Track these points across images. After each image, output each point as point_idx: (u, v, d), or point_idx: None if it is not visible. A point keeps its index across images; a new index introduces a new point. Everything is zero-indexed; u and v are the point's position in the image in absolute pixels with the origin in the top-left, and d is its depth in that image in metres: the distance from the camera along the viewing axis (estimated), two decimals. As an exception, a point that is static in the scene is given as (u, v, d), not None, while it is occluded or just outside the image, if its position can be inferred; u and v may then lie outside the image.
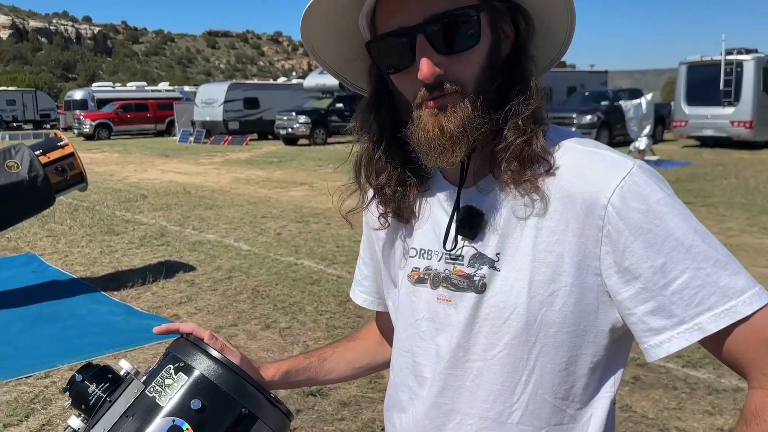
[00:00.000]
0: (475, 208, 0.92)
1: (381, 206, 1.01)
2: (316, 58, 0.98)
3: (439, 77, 0.85)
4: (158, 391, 0.97)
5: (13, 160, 5.31)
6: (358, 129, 0.99)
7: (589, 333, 0.88)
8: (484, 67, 0.87)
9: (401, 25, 0.86)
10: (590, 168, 0.86)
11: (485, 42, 0.87)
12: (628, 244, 0.82)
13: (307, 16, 0.88)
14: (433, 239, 0.97)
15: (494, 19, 0.88)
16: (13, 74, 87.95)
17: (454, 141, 0.86)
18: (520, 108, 0.87)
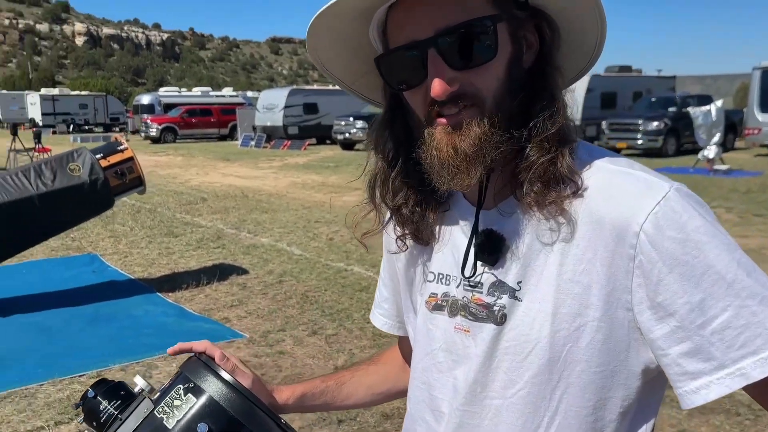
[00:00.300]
0: (495, 232, 0.85)
1: (398, 228, 0.95)
2: (326, 73, 0.93)
3: (453, 93, 0.78)
4: (167, 412, 0.94)
5: (76, 164, 5.50)
6: (373, 146, 0.93)
7: (620, 374, 0.79)
8: (503, 81, 0.79)
9: (412, 39, 0.79)
10: (622, 190, 0.78)
11: (504, 53, 0.79)
12: (662, 276, 0.73)
13: (313, 30, 0.82)
14: (451, 263, 0.90)
15: (515, 28, 0.80)
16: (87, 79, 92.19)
17: (468, 162, 0.78)
18: (545, 124, 0.79)
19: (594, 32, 0.84)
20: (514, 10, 0.80)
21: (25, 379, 4.05)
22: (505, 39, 0.79)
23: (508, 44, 0.80)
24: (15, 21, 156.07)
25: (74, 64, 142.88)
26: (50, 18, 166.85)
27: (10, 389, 3.91)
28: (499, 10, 0.79)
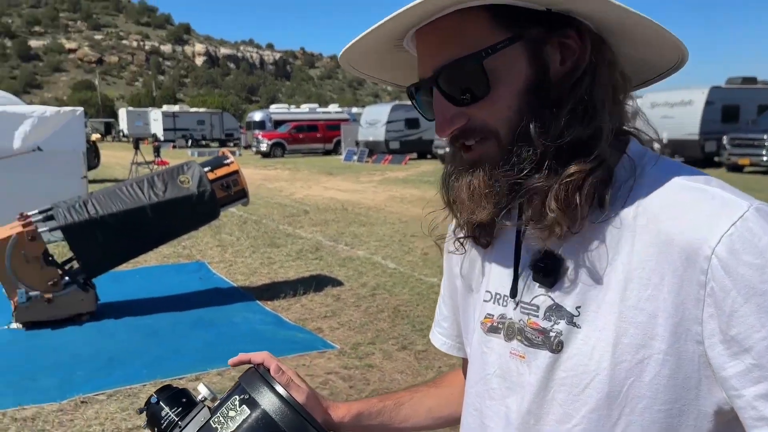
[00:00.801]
0: (553, 252, 0.78)
1: (458, 229, 0.91)
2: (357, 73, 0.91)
3: (462, 128, 0.76)
4: (221, 422, 0.95)
5: (185, 176, 5.82)
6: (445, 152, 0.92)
7: (689, 414, 0.70)
8: (520, 107, 0.74)
9: (421, 77, 0.79)
10: (693, 208, 0.70)
11: (515, 79, 0.74)
12: (736, 307, 0.65)
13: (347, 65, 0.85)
14: (508, 284, 0.85)
15: (532, 46, 0.74)
16: (205, 97, 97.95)
17: (479, 198, 0.76)
18: (579, 131, 0.73)
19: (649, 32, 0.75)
20: (529, 28, 0.73)
21: (130, 379, 4.30)
22: (515, 63, 0.74)
23: (522, 67, 0.74)
24: (142, 43, 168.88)
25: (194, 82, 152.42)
26: (173, 39, 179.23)
27: (116, 388, 4.17)
28: (511, 32, 0.73)
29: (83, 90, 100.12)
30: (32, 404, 3.93)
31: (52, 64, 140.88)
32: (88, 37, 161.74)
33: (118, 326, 5.47)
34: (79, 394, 4.06)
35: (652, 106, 20.67)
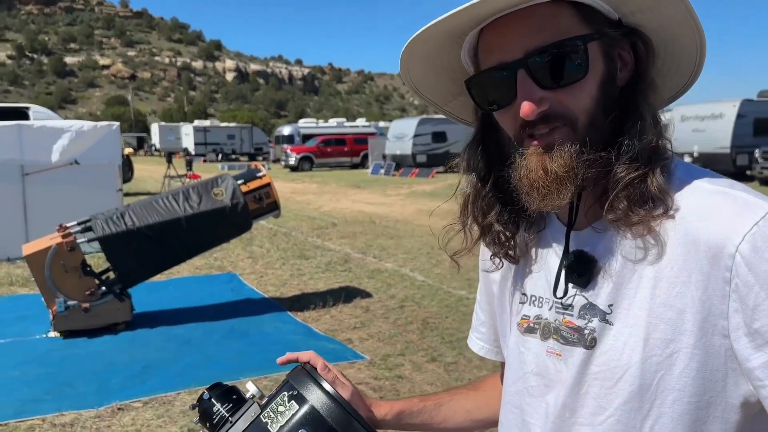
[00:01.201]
0: (586, 253, 0.83)
1: (491, 247, 0.95)
2: (419, 96, 0.96)
3: (544, 113, 0.78)
4: (271, 417, 0.99)
5: (219, 189, 5.95)
6: (465, 165, 0.94)
7: (716, 406, 0.74)
8: (597, 99, 0.78)
9: (501, 61, 0.80)
10: (717, 210, 0.74)
11: (597, 72, 0.79)
12: (759, 301, 0.69)
13: (406, 56, 0.85)
14: (544, 285, 0.89)
15: (608, 47, 0.80)
16: (235, 112, 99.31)
17: (559, 183, 0.78)
18: (634, 142, 0.77)
19: (692, 50, 0.81)
20: (606, 29, 0.79)
21: (165, 387, 4.39)
22: (597, 58, 0.79)
23: (600, 63, 0.79)
24: (174, 59, 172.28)
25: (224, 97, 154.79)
26: (204, 56, 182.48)
27: (152, 395, 4.26)
28: (592, 29, 0.78)
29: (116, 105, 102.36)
30: (71, 410, 4.04)
31: (86, 80, 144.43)
32: (121, 54, 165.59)
33: (152, 335, 5.59)
34: (116, 401, 4.16)
35: (683, 120, 20.42)
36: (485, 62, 0.83)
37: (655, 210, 0.77)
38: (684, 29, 0.79)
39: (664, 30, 0.80)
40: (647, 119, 0.79)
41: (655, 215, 0.77)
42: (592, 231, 0.84)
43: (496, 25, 0.80)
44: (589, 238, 0.84)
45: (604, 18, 0.80)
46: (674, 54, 0.83)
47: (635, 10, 0.79)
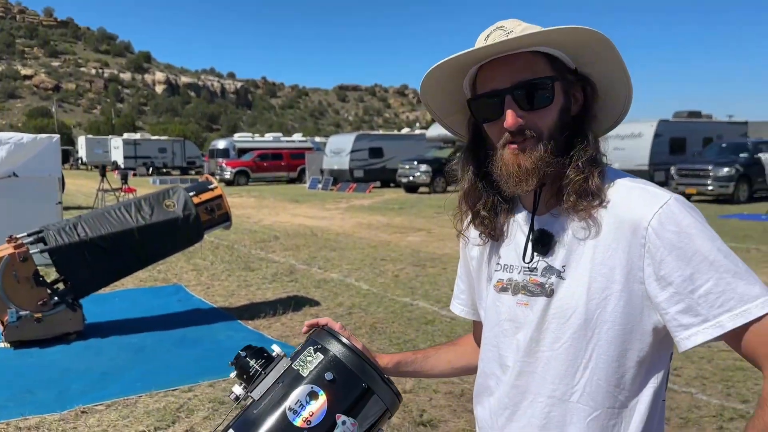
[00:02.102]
0: (546, 231, 1.19)
1: (479, 228, 1.30)
2: (430, 112, 1.32)
3: (521, 126, 1.14)
4: (301, 365, 1.28)
5: (171, 200, 6.11)
6: (460, 166, 1.29)
7: (636, 331, 1.10)
8: (557, 122, 1.15)
9: (494, 88, 1.16)
10: (636, 200, 1.11)
11: (558, 103, 1.15)
12: (663, 257, 1.06)
13: (425, 80, 1.21)
14: (514, 256, 1.24)
15: (567, 87, 1.17)
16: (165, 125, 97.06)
17: (528, 175, 1.14)
18: (580, 154, 1.14)
19: (623, 96, 1.21)
20: (567, 75, 1.17)
21: (125, 391, 4.53)
22: (559, 93, 1.16)
23: (561, 97, 1.16)
24: (101, 70, 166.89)
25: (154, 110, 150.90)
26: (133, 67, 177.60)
27: (114, 399, 4.40)
28: (557, 73, 1.16)
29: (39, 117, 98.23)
30: (34, 415, 4.13)
31: (6, 90, 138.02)
32: (44, 64, 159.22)
33: (105, 344, 5.67)
34: (78, 405, 4.28)
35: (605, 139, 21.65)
36: (482, 89, 1.19)
37: (594, 201, 1.13)
38: (619, 82, 1.18)
39: (605, 80, 1.18)
40: (590, 139, 1.16)
41: (593, 205, 1.13)
42: (549, 216, 1.20)
43: (492, 64, 1.16)
44: (548, 220, 1.20)
45: (566, 66, 1.18)
46: (611, 97, 1.21)
47: (587, 62, 1.18)
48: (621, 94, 1.21)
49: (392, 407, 1.31)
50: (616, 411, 1.13)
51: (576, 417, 1.14)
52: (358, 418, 1.24)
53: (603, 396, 1.13)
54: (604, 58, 1.16)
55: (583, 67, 1.19)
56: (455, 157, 1.34)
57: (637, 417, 1.13)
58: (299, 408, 1.23)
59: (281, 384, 1.27)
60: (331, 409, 1.22)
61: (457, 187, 1.31)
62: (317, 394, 1.23)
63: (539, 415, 1.18)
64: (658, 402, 1.15)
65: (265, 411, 1.25)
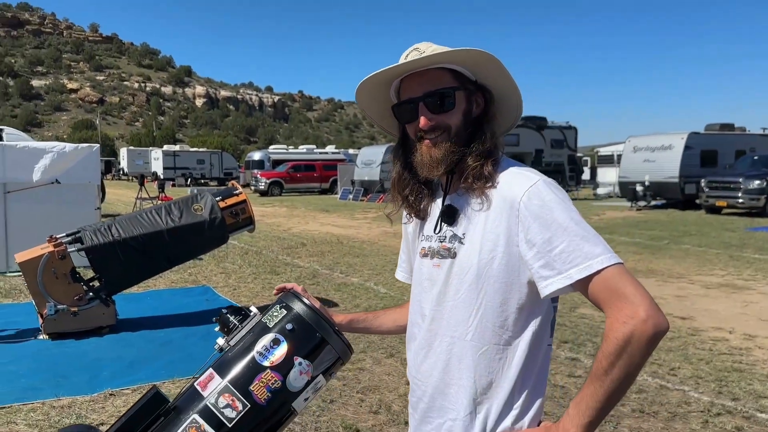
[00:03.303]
0: (452, 206, 1.48)
1: (407, 209, 1.60)
2: (366, 116, 1.63)
3: (431, 126, 1.45)
4: (268, 319, 1.59)
5: (199, 204, 6.52)
6: (393, 159, 1.60)
7: (515, 284, 1.39)
8: (460, 121, 1.45)
9: (410, 97, 1.48)
10: (515, 181, 1.41)
11: (461, 107, 1.46)
12: (530, 224, 1.34)
13: (359, 90, 1.54)
14: (431, 228, 1.54)
15: (468, 94, 1.47)
16: (205, 137, 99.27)
17: (438, 162, 1.45)
18: (478, 146, 1.44)
19: (516, 102, 1.51)
20: (468, 85, 1.48)
21: (151, 378, 4.90)
22: (461, 100, 1.46)
23: (463, 102, 1.46)
24: (143, 84, 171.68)
25: (194, 123, 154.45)
26: (174, 81, 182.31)
27: (140, 384, 4.78)
28: (459, 83, 1.46)
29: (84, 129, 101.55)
30: (67, 396, 4.54)
31: (53, 104, 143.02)
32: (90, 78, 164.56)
33: (135, 337, 6.09)
34: (108, 389, 4.67)
35: (635, 150, 21.61)
36: (403, 97, 1.51)
37: (487, 183, 1.43)
38: (510, 91, 1.49)
39: (500, 89, 1.49)
40: (487, 134, 1.46)
41: (487, 186, 1.42)
42: (456, 195, 1.49)
43: (409, 77, 1.49)
44: (455, 198, 1.49)
45: (467, 78, 1.49)
46: (505, 103, 1.52)
47: (483, 76, 1.48)
48: (513, 100, 1.51)
49: (344, 356, 1.59)
50: (501, 348, 1.41)
51: (470, 352, 1.43)
52: (314, 362, 1.54)
53: (490, 335, 1.41)
54: (495, 72, 1.47)
55: (482, 79, 1.50)
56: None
57: (520, 353, 1.40)
58: (266, 352, 1.53)
59: (251, 333, 1.58)
60: (290, 353, 1.52)
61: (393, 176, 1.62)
62: (279, 341, 1.53)
63: (444, 351, 1.46)
64: (540, 344, 1.42)
65: (237, 354, 1.55)
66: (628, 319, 1.23)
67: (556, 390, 4.58)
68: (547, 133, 27.39)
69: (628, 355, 1.22)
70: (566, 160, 28.13)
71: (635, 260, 10.55)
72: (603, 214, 19.55)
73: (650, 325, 1.22)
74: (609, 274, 1.27)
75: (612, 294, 1.27)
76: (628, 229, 15.26)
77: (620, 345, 1.22)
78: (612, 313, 1.26)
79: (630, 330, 1.22)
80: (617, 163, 27.36)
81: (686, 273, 9.44)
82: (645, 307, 1.23)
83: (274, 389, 1.48)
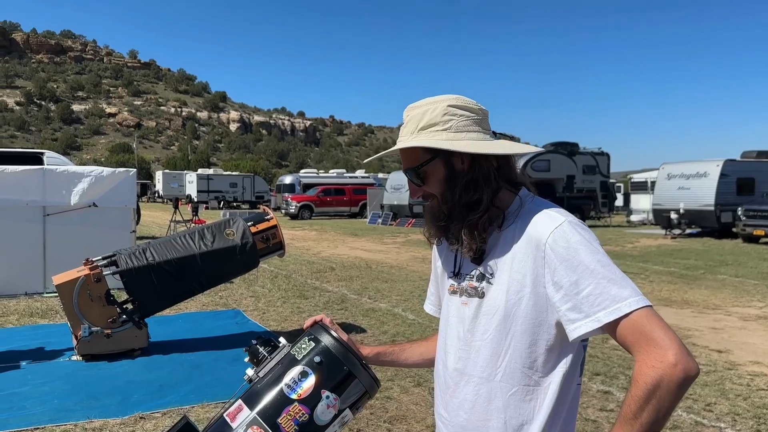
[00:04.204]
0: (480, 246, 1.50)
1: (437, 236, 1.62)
2: None
3: (420, 194, 1.52)
4: (297, 351, 1.61)
5: (231, 229, 6.62)
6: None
7: (543, 325, 1.38)
8: (442, 187, 1.47)
9: (403, 169, 1.55)
10: (540, 222, 1.40)
11: (439, 174, 1.47)
12: (556, 266, 1.34)
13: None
14: (459, 266, 1.55)
15: (446, 158, 1.47)
16: (238, 161, 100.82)
17: (429, 231, 1.55)
18: (489, 192, 1.45)
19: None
20: (443, 151, 1.47)
21: (181, 401, 4.96)
22: (438, 168, 1.47)
23: (441, 169, 1.47)
24: (180, 109, 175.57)
25: (227, 147, 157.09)
26: (209, 106, 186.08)
27: (170, 407, 4.83)
28: (432, 155, 1.47)
29: (121, 152, 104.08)
30: (99, 418, 4.60)
31: (92, 128, 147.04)
32: (128, 103, 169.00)
33: (165, 360, 6.16)
34: (138, 412, 4.73)
35: (669, 178, 21.28)
36: None
37: (512, 223, 1.44)
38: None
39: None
40: (492, 179, 1.45)
41: (511, 226, 1.44)
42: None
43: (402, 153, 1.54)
44: None
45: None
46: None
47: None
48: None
49: (371, 390, 1.61)
50: (530, 388, 1.40)
51: (499, 393, 1.42)
52: (341, 395, 1.55)
53: (519, 376, 1.40)
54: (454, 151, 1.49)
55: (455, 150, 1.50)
56: None
57: (550, 394, 1.39)
58: (294, 384, 1.55)
59: (280, 365, 1.60)
60: (318, 386, 1.53)
61: None
62: (307, 373, 1.55)
63: (472, 392, 1.46)
64: (570, 384, 1.41)
65: (266, 386, 1.58)
66: (657, 364, 1.21)
67: (588, 424, 4.49)
68: (578, 158, 27.18)
69: (657, 400, 1.21)
70: (599, 186, 27.83)
71: (670, 290, 10.35)
72: (637, 242, 19.23)
73: (680, 369, 1.20)
74: (637, 317, 1.26)
75: (640, 337, 1.25)
76: (663, 257, 14.97)
77: (649, 390, 1.21)
78: (640, 357, 1.25)
79: (659, 374, 1.21)
80: (651, 190, 26.97)
81: (723, 304, 9.21)
82: (674, 351, 1.21)
83: (302, 422, 1.50)
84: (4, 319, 8.03)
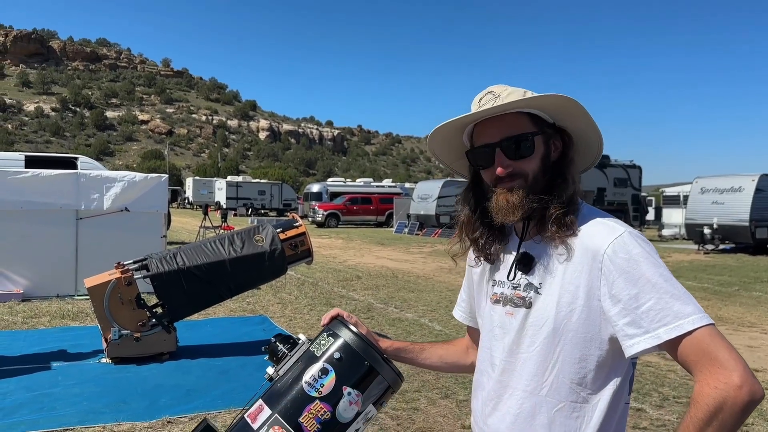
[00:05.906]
0: (528, 254, 1.44)
1: (475, 252, 1.57)
2: (437, 160, 1.62)
3: (509, 173, 1.41)
4: (316, 347, 1.55)
5: (260, 236, 6.64)
6: (461, 202, 1.57)
7: (595, 339, 1.32)
8: (538, 167, 1.41)
9: (486, 142, 1.44)
10: (598, 231, 1.35)
11: (539, 152, 1.42)
12: (614, 279, 1.28)
13: (432, 136, 1.52)
14: (504, 274, 1.50)
15: (546, 138, 1.43)
16: (266, 169, 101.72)
17: (515, 208, 1.40)
18: (561, 193, 1.40)
19: (596, 143, 1.47)
20: (546, 129, 1.44)
21: (208, 407, 4.96)
22: (540, 144, 1.42)
23: (542, 147, 1.42)
24: (211, 117, 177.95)
25: (257, 155, 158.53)
26: (239, 115, 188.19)
27: (197, 412, 4.83)
28: (537, 128, 1.43)
29: (153, 159, 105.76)
30: (127, 421, 4.63)
31: (125, 134, 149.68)
32: (160, 110, 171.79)
33: (193, 365, 6.19)
34: (166, 416, 4.74)
35: (702, 192, 20.86)
36: (477, 141, 1.48)
37: (568, 232, 1.38)
38: (590, 132, 1.44)
39: (579, 131, 1.45)
40: (569, 181, 1.41)
41: (568, 235, 1.38)
42: (533, 242, 1.44)
43: (485, 122, 1.45)
44: (532, 245, 1.45)
45: (545, 122, 1.45)
46: (585, 144, 1.47)
47: (561, 119, 1.45)
48: (593, 141, 1.47)
49: (394, 385, 1.54)
50: (578, 405, 1.34)
51: (544, 408, 1.37)
52: (363, 392, 1.49)
53: (567, 391, 1.35)
54: (575, 115, 1.43)
55: (560, 121, 1.46)
56: None
57: (598, 413, 1.33)
58: (314, 382, 1.48)
59: (300, 362, 1.55)
60: (339, 383, 1.47)
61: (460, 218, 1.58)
62: (328, 370, 1.49)
63: (515, 406, 1.41)
64: (618, 402, 1.35)
65: (286, 384, 1.52)
66: (721, 385, 1.15)
67: (620, 441, 4.37)
68: (609, 171, 26.81)
69: (719, 422, 1.15)
70: (630, 199, 27.40)
71: (703, 306, 10.05)
72: (669, 257, 18.86)
73: (745, 392, 1.14)
74: (700, 335, 1.21)
75: (703, 357, 1.20)
76: (696, 273, 14.65)
77: (711, 412, 1.15)
78: (703, 378, 1.19)
79: (723, 396, 1.15)
80: (683, 204, 26.46)
81: (758, 322, 8.96)
82: (740, 372, 1.16)
83: (324, 420, 1.45)
84: (36, 320, 8.17)
